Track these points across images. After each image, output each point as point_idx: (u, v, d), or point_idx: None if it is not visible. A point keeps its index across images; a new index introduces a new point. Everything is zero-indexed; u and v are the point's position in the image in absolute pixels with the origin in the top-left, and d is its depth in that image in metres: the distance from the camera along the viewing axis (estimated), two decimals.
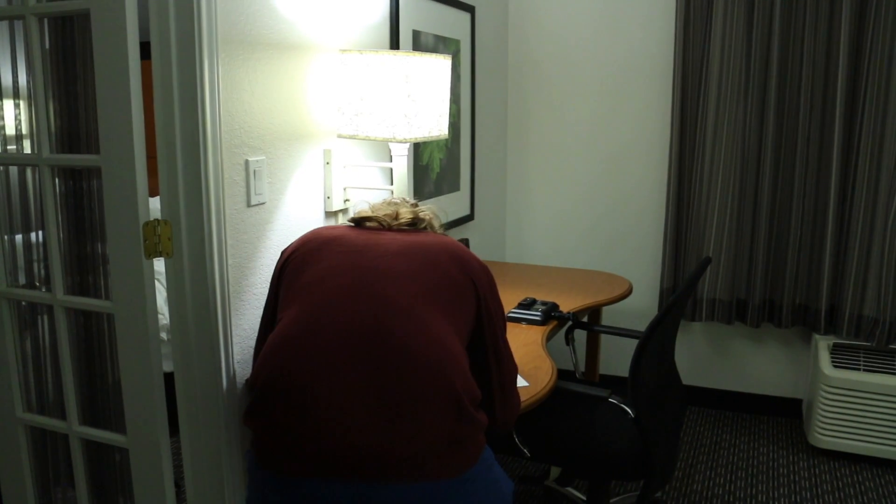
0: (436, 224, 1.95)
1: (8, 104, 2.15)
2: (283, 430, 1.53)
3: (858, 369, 3.40)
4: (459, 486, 1.53)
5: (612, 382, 4.22)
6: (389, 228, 1.83)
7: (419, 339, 1.55)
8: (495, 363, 1.76)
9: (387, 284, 1.61)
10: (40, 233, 2.17)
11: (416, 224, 1.87)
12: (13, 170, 2.17)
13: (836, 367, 3.44)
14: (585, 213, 4.16)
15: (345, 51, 2.25)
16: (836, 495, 3.16)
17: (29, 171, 2.17)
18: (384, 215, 1.86)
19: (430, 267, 1.67)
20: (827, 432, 3.45)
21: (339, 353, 1.54)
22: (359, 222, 1.87)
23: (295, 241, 1.84)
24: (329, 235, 1.79)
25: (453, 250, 1.73)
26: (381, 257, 1.68)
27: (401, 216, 1.87)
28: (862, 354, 3.52)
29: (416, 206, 1.95)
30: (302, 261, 1.74)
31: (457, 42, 3.39)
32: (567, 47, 4.03)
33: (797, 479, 3.31)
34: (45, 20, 1.98)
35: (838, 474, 3.33)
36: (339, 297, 1.60)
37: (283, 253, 1.84)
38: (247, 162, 2.05)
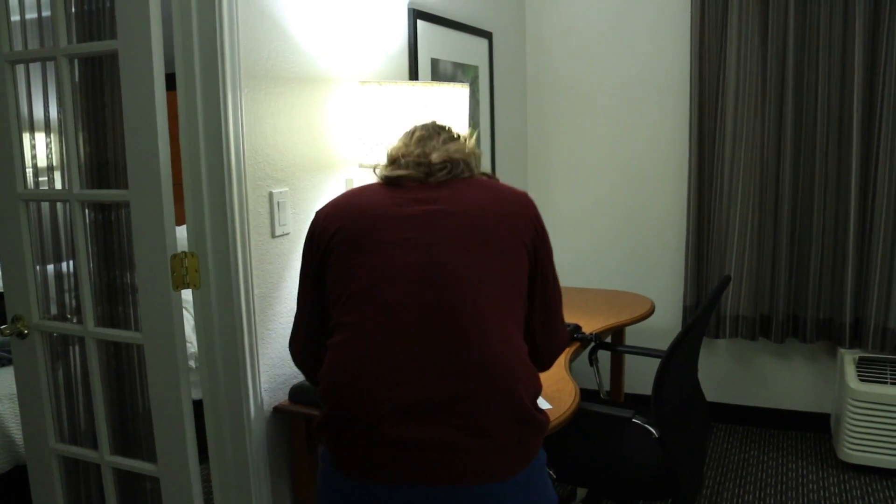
0: (472, 160, 1.79)
1: (39, 137, 2.21)
2: (357, 443, 1.55)
3: (886, 382, 3.38)
4: (517, 486, 1.55)
5: (638, 401, 4.21)
6: (425, 183, 1.71)
7: (488, 350, 1.54)
8: (541, 302, 1.74)
9: (452, 289, 1.56)
10: (70, 262, 2.22)
11: (452, 171, 1.72)
12: (45, 202, 2.23)
13: (862, 380, 3.41)
14: (608, 231, 4.18)
15: (364, 82, 2.29)
16: None
17: (59, 204, 2.23)
18: (415, 163, 1.72)
19: (490, 251, 1.61)
20: (856, 447, 3.42)
21: (408, 367, 1.53)
22: (393, 182, 1.72)
23: (330, 210, 1.70)
24: (371, 214, 1.65)
25: (505, 215, 1.66)
26: (439, 246, 1.59)
27: (433, 163, 1.72)
28: (889, 367, 3.50)
29: (441, 133, 1.81)
30: (351, 244, 1.63)
31: (475, 68, 3.43)
32: (584, 67, 4.06)
33: (827, 494, 3.28)
34: (76, 59, 2.04)
35: (869, 489, 3.30)
36: (404, 307, 1.56)
37: (319, 216, 1.71)
38: (270, 194, 2.10)
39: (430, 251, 1.58)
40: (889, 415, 3.33)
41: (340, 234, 1.64)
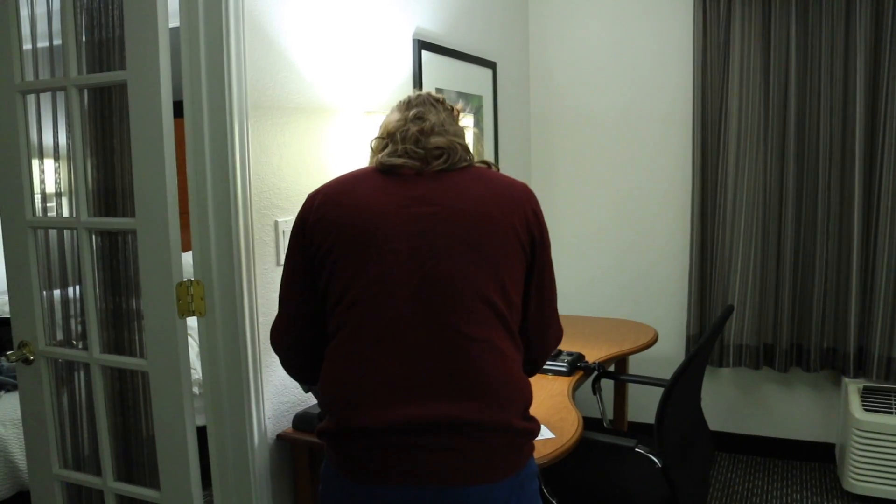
0: (469, 143, 1.76)
1: (48, 163, 2.23)
2: (358, 450, 1.57)
3: (891, 412, 3.36)
4: (507, 489, 1.58)
5: (641, 429, 4.19)
6: (421, 173, 1.66)
7: (482, 369, 1.56)
8: (537, 296, 1.72)
9: (447, 306, 1.56)
10: (77, 288, 2.23)
11: (449, 159, 1.68)
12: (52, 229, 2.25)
13: (867, 410, 3.40)
14: (611, 260, 4.18)
15: (370, 112, 2.32)
16: None
17: (67, 231, 2.24)
18: (412, 149, 1.66)
19: (486, 259, 1.59)
20: (861, 477, 3.40)
21: (405, 386, 1.55)
22: (389, 170, 1.66)
23: (324, 199, 1.64)
24: (371, 213, 1.60)
25: (502, 215, 1.63)
26: (436, 257, 1.57)
27: (430, 149, 1.67)
28: (894, 397, 3.49)
29: (437, 106, 1.76)
30: (350, 245, 1.59)
31: (479, 98, 3.46)
32: (588, 96, 4.09)
33: None
34: (85, 89, 2.07)
35: None
36: (402, 323, 1.56)
37: (311, 203, 1.65)
38: (276, 223, 2.12)
39: (427, 263, 1.57)
40: (894, 445, 3.31)
41: (338, 232, 1.60)
